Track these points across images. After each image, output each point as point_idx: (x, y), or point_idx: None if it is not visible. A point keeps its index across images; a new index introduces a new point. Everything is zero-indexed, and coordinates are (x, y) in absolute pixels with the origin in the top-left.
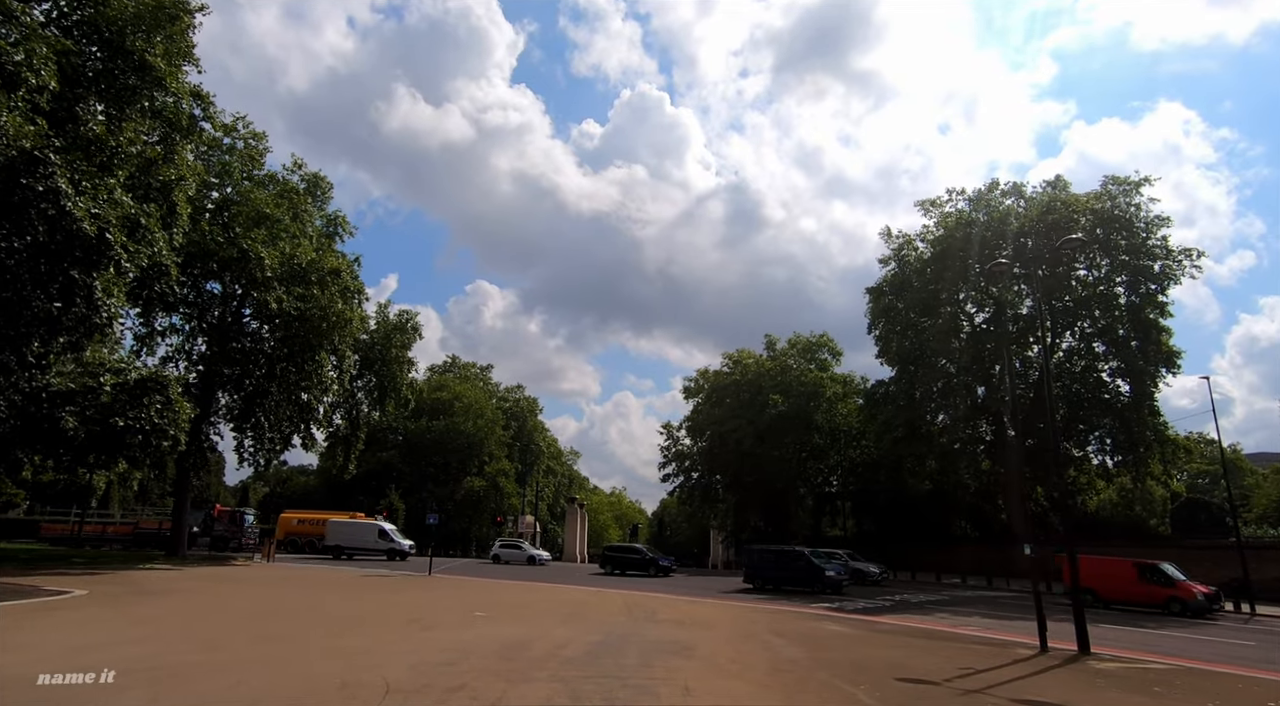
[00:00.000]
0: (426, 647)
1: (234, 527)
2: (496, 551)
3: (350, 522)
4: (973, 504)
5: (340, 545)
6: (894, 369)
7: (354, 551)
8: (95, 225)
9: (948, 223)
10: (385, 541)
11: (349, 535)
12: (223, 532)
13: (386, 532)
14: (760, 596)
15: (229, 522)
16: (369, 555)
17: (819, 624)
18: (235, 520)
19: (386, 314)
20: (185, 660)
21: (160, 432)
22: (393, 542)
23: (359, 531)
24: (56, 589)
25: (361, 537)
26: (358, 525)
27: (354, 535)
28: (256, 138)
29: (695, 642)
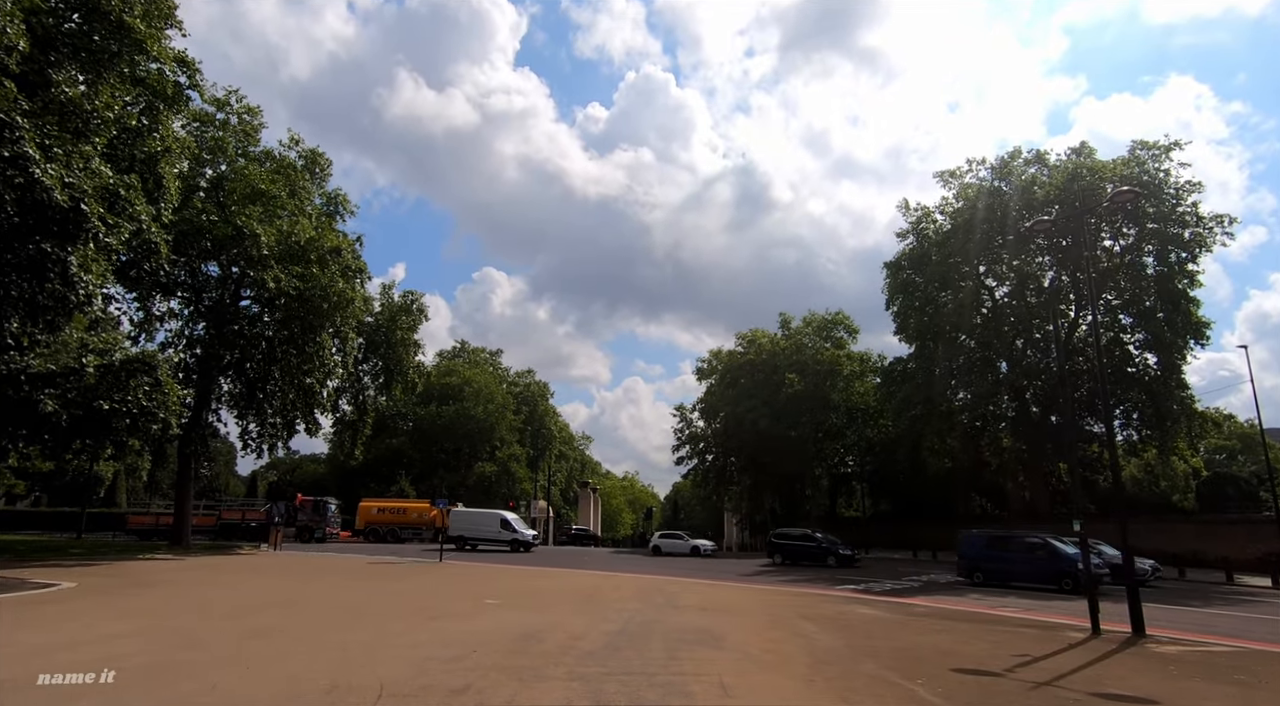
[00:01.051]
0: (431, 640)
1: (317, 516)
2: (656, 542)
3: (473, 512)
4: (993, 481)
5: (464, 535)
6: (912, 346)
7: (477, 541)
8: (68, 195)
9: (968, 194)
10: (508, 531)
11: (473, 525)
12: (307, 522)
13: (509, 522)
14: (780, 578)
15: (312, 511)
16: (492, 545)
17: (848, 607)
18: (319, 509)
19: (391, 295)
20: (160, 660)
21: (149, 416)
22: (516, 533)
23: (482, 521)
24: (44, 582)
25: (484, 527)
26: (480, 515)
27: (477, 525)
28: (251, 113)
29: (723, 630)
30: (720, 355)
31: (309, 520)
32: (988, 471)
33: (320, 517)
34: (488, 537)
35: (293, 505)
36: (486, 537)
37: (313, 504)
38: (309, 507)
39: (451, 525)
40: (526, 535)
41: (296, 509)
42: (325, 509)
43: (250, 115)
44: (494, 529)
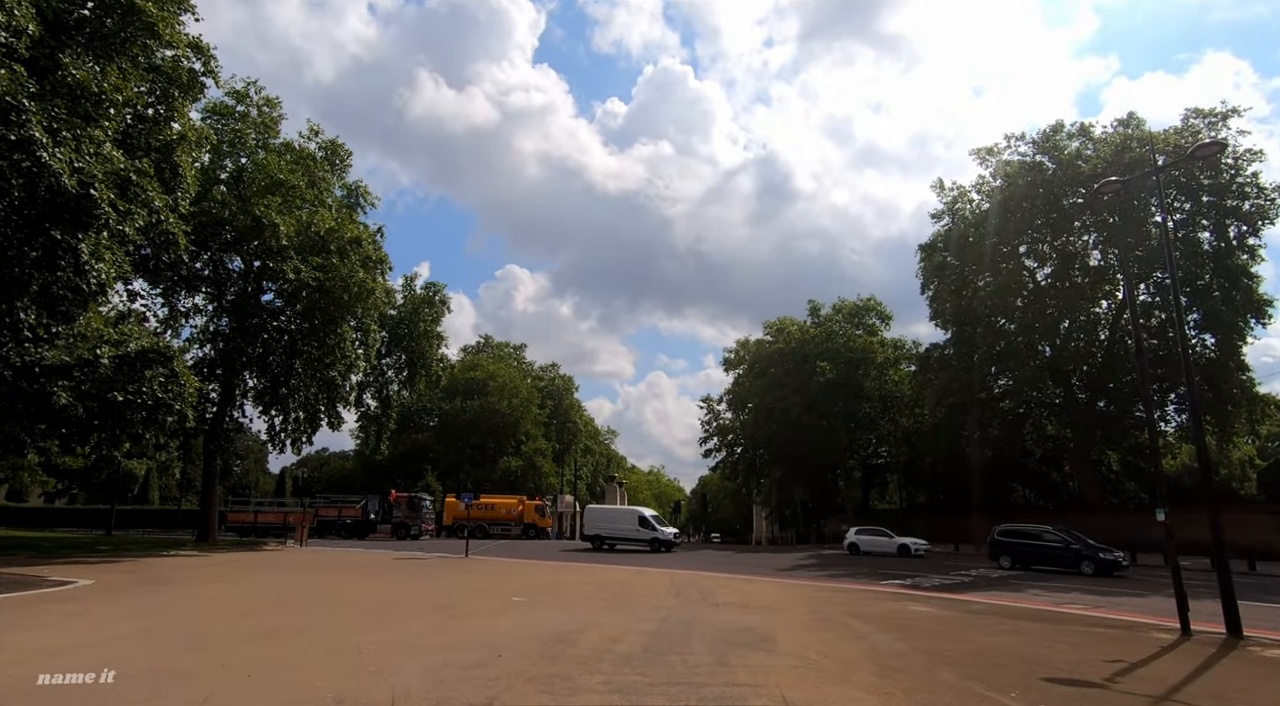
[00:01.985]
0: (454, 642)
1: (412, 513)
2: (854, 539)
3: (609, 509)
4: (1036, 471)
5: (600, 534)
6: (948, 331)
7: (615, 541)
8: (77, 180)
9: (1006, 171)
10: (647, 529)
11: (609, 523)
12: (402, 518)
13: (648, 520)
14: (818, 573)
15: (407, 508)
16: (630, 544)
17: (899, 604)
18: (413, 505)
19: (413, 288)
20: (158, 665)
21: (165, 407)
22: (655, 531)
23: (619, 518)
24: (62, 579)
25: (621, 525)
26: (617, 512)
27: (614, 523)
28: (270, 104)
29: (771, 631)
30: (748, 345)
31: (404, 517)
32: (1031, 461)
33: (415, 514)
34: (625, 536)
35: (387, 501)
36: (624, 536)
37: (407, 499)
38: (404, 503)
39: (586, 523)
40: (667, 534)
41: (391, 505)
42: (420, 505)
43: (270, 107)
44: (631, 527)
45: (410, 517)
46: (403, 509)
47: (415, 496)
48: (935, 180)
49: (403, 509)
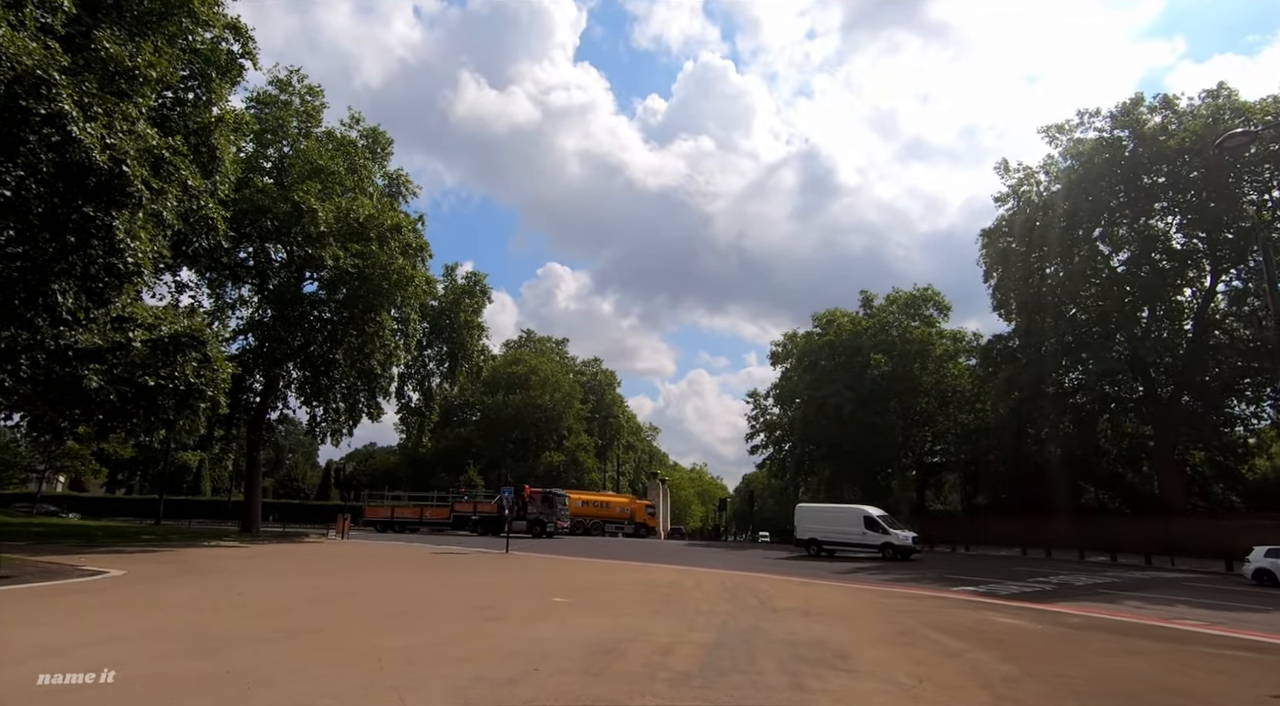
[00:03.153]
0: (486, 650)
1: (547, 508)
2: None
3: (826, 508)
4: (1112, 471)
5: (815, 538)
6: (1012, 323)
7: (834, 546)
8: (109, 156)
9: (1079, 149)
10: (876, 532)
11: (825, 524)
12: (537, 515)
13: (876, 521)
14: (880, 576)
15: (542, 503)
16: (853, 550)
17: (982, 615)
18: (549, 500)
19: (455, 278)
20: (158, 670)
21: (197, 393)
22: (888, 534)
23: (838, 519)
24: (95, 569)
25: (842, 527)
26: (836, 512)
27: (831, 524)
28: (313, 93)
29: (845, 644)
30: (795, 339)
31: (539, 513)
32: (1106, 460)
33: (551, 510)
34: (848, 541)
35: (521, 496)
36: (846, 541)
37: (542, 495)
38: (538, 499)
39: (798, 524)
40: (904, 537)
41: (526, 500)
42: (555, 500)
43: (312, 95)
44: (855, 529)
45: (545, 513)
46: (538, 505)
47: (550, 492)
48: (999, 161)
49: (538, 505)
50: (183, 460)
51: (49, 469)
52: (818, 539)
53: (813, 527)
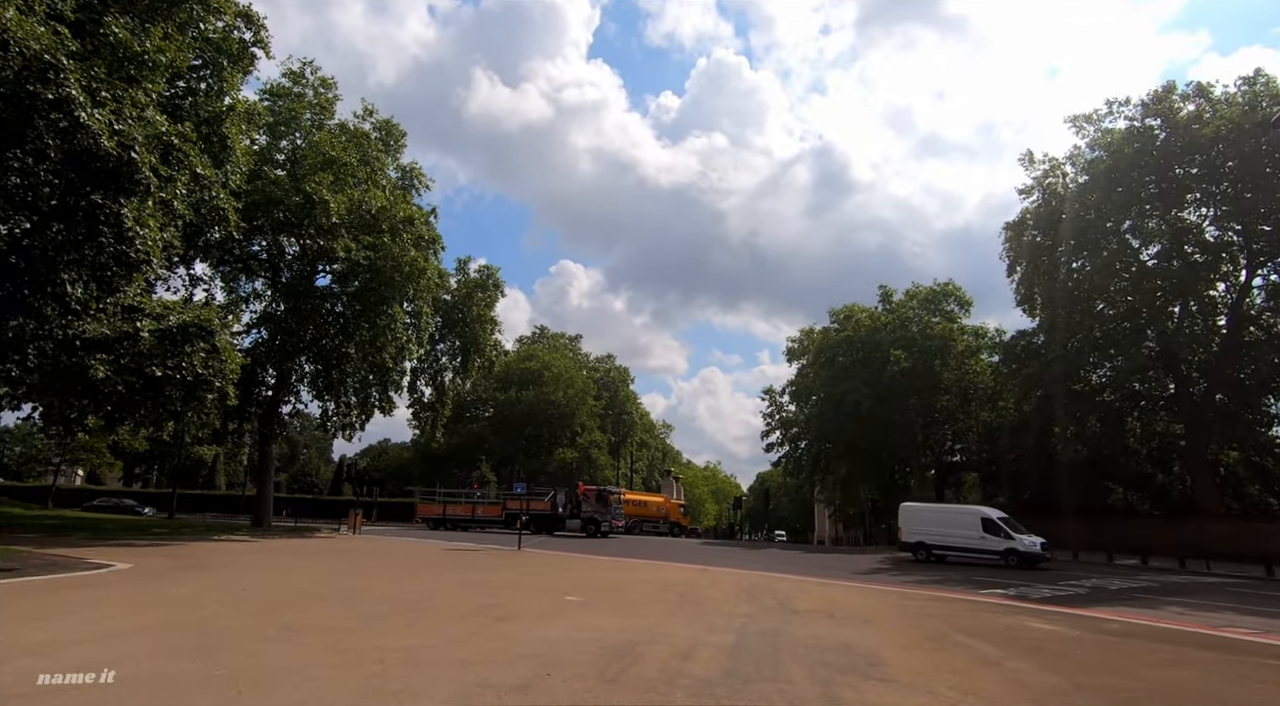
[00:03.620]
0: (493, 652)
1: (602, 507)
2: None
3: (937, 508)
4: (1140, 471)
5: (924, 542)
6: (1036, 318)
7: (946, 551)
8: (117, 141)
9: (1107, 140)
10: (996, 537)
11: (934, 526)
12: (592, 513)
13: (996, 523)
14: (904, 577)
15: (596, 501)
16: (968, 556)
17: (1016, 620)
18: (603, 499)
19: (467, 270)
20: (147, 670)
21: (204, 384)
22: (1012, 539)
23: (952, 521)
24: (101, 562)
25: (955, 530)
26: (949, 513)
27: (942, 526)
28: (326, 85)
29: (875, 650)
30: (812, 334)
31: (594, 511)
32: (1134, 460)
33: (606, 508)
34: (963, 545)
35: (575, 494)
36: (961, 545)
37: (596, 493)
38: (592, 497)
39: (904, 525)
40: (1030, 543)
41: (580, 498)
42: (610, 499)
43: (325, 87)
44: (970, 532)
45: (600, 512)
46: (592, 503)
47: (605, 490)
48: (1024, 152)
49: (592, 503)
50: (198, 454)
51: (63, 461)
52: (926, 542)
53: (922, 529)
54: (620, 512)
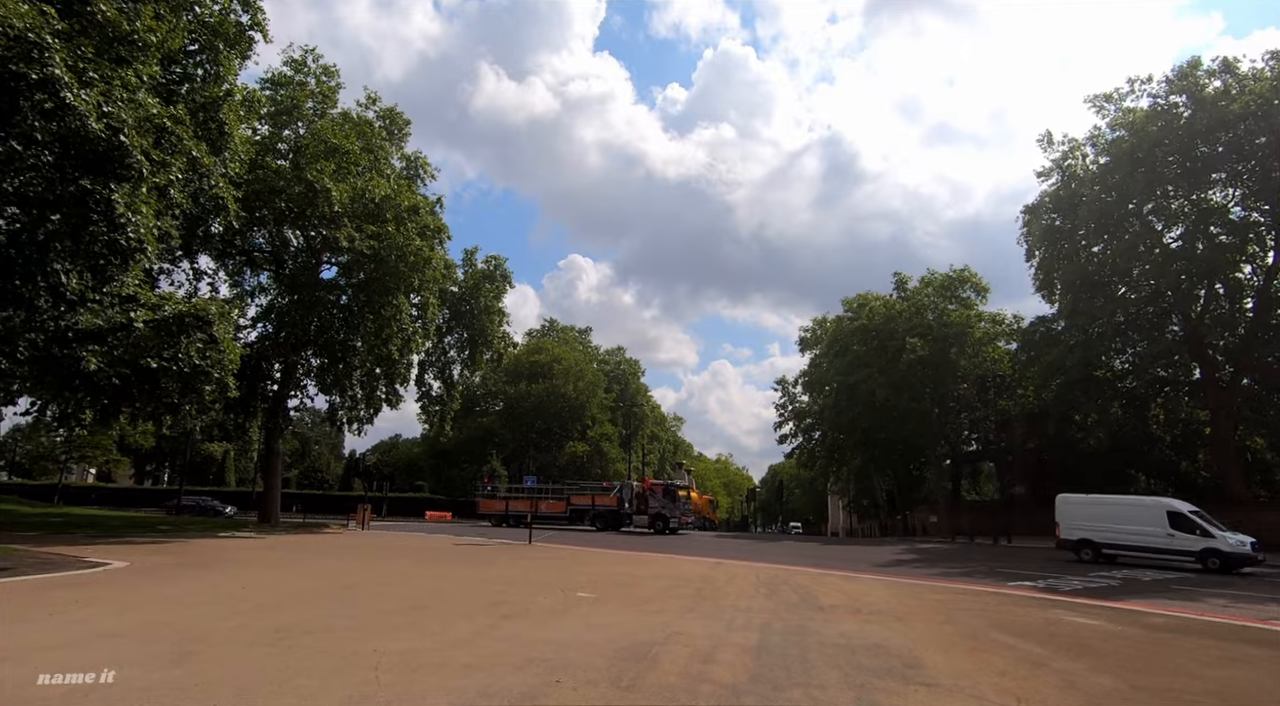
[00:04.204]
0: (500, 654)
1: (669, 502)
2: None
3: (1107, 500)
4: (1164, 459)
5: (1089, 539)
6: (1055, 304)
7: (1119, 551)
8: (105, 124)
9: (1131, 118)
10: (1189, 534)
11: (1106, 522)
12: (659, 509)
13: (1188, 518)
14: (925, 570)
15: (664, 496)
16: (1153, 558)
17: (1051, 614)
18: (670, 494)
19: (474, 261)
20: (128, 677)
21: (202, 375)
22: (1208, 536)
23: (1126, 515)
24: (98, 560)
25: (1132, 525)
26: (1124, 506)
27: (1117, 521)
28: (328, 73)
29: (910, 650)
30: (825, 323)
31: (661, 507)
32: (1158, 447)
33: (674, 504)
34: (1143, 544)
35: (642, 490)
36: (1139, 544)
37: (663, 488)
38: (659, 492)
39: (1063, 518)
40: (1235, 542)
41: (646, 494)
42: (677, 493)
43: (328, 76)
44: (1154, 528)
45: (668, 508)
46: (659, 498)
47: (671, 485)
48: (1043, 133)
49: (659, 498)
50: (208, 451)
51: (69, 459)
52: (1093, 540)
53: (1086, 525)
54: (688, 508)
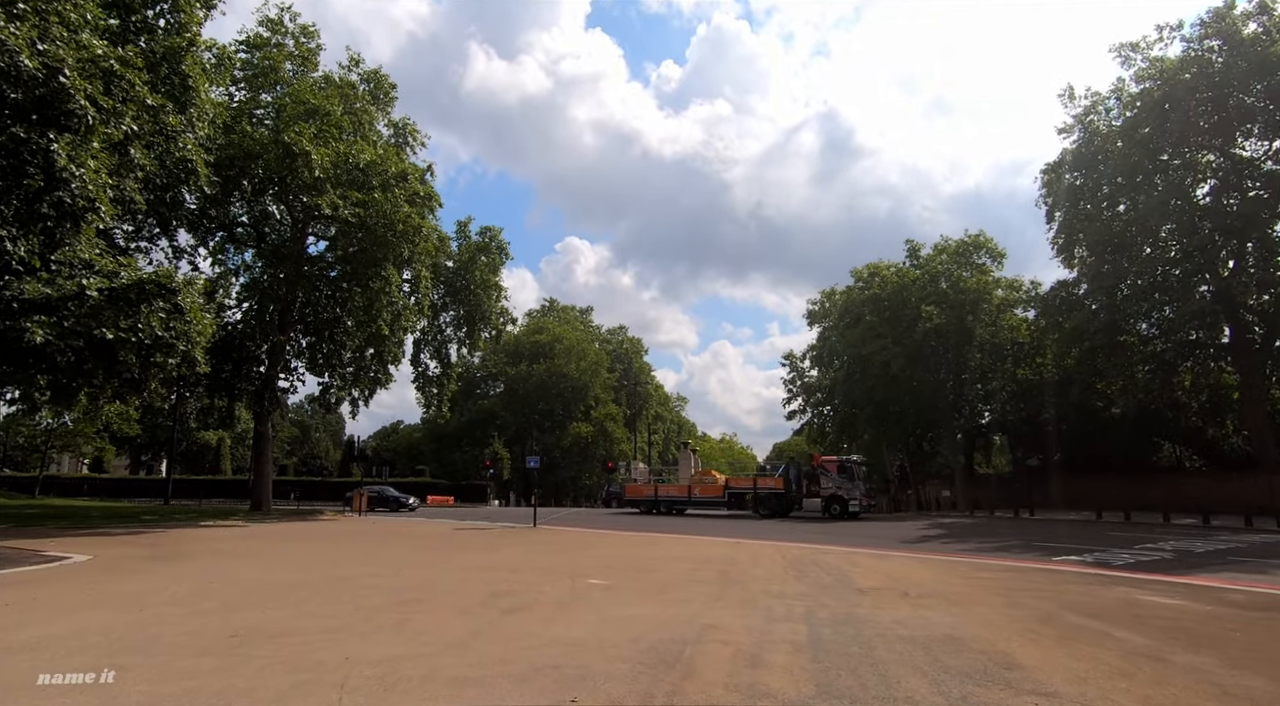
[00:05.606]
0: (500, 661)
1: (847, 481)
2: None
3: None
4: (1191, 426)
5: None
6: (1074, 269)
7: None
8: (41, 62)
9: (1159, 68)
10: None
11: None
12: (834, 490)
13: None
14: (954, 545)
15: (839, 475)
16: None
17: (1123, 592)
18: (847, 471)
19: (468, 233)
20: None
21: (166, 348)
22: None
23: None
24: (58, 555)
25: None
26: None
27: None
28: (307, 34)
29: (993, 643)
30: (833, 296)
31: (837, 487)
32: (1186, 414)
33: (852, 483)
34: None
35: (811, 467)
36: None
37: (838, 465)
38: (833, 470)
39: None
40: None
41: (817, 472)
42: (854, 471)
43: (307, 37)
44: None
45: (845, 488)
46: (834, 477)
47: (847, 461)
48: (1065, 86)
49: (834, 477)
50: (203, 439)
51: (50, 447)
52: None
53: None
54: (865, 487)
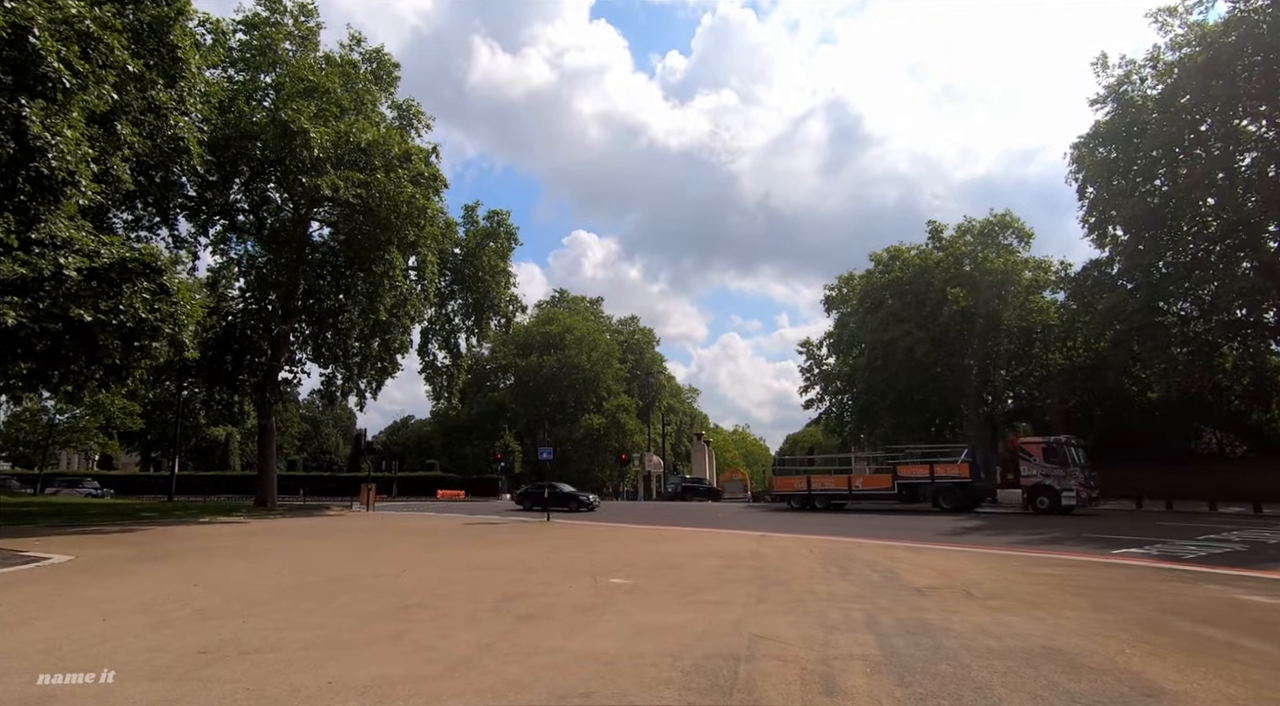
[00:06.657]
0: (514, 686)
1: (1055, 466)
2: None
3: None
4: (1235, 411)
5: None
6: (1106, 248)
7: None
8: (7, 20)
9: (1199, 34)
10: None
11: None
12: (1041, 478)
13: None
14: (995, 536)
15: (1043, 459)
16: None
17: (1213, 590)
18: (1055, 453)
19: (475, 218)
20: None
21: (151, 331)
22: None
23: None
24: (38, 554)
25: None
26: None
27: None
28: (306, 13)
29: (1110, 658)
30: (852, 281)
31: (1044, 475)
32: (1229, 397)
33: (1064, 469)
34: None
35: (1009, 449)
36: None
37: (1044, 447)
38: (1039, 454)
39: None
40: None
41: (1015, 455)
42: (1065, 453)
43: (306, 15)
44: None
45: (1054, 475)
46: (1039, 463)
47: (1055, 442)
48: (1098, 54)
49: (1039, 463)
50: (213, 435)
51: (53, 443)
52: None
53: None
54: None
